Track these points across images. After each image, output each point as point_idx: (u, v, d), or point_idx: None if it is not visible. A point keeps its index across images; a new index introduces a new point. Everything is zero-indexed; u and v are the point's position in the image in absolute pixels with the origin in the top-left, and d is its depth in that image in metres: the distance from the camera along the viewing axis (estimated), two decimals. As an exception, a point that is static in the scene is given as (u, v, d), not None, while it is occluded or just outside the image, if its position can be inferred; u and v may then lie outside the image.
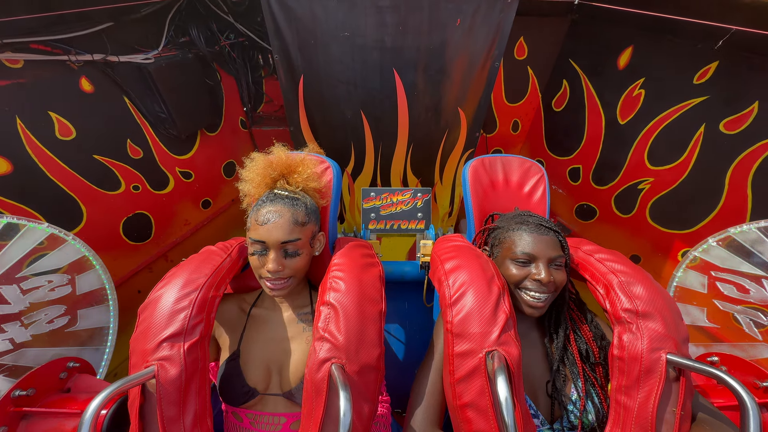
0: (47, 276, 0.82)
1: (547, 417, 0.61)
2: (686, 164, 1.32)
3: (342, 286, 0.60)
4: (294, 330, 0.69)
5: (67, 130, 1.24)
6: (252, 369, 0.66)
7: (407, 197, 1.22)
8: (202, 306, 0.58)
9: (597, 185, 1.71)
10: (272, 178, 0.70)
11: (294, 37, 1.26)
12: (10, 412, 0.61)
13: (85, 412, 0.44)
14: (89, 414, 0.44)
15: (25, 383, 0.64)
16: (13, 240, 0.78)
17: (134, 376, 0.50)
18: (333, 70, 1.32)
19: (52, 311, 0.83)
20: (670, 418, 0.50)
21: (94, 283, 0.90)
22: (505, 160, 0.94)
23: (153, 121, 1.52)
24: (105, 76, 1.32)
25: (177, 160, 1.67)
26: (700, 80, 1.23)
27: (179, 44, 1.57)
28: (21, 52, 1.08)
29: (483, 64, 1.33)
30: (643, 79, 1.42)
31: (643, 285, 0.57)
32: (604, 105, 1.61)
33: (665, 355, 0.51)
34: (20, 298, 0.78)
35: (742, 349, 0.82)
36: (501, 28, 1.24)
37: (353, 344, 0.54)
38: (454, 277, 0.60)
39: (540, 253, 0.62)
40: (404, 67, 1.31)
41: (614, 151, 1.59)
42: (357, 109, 1.43)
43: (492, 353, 0.51)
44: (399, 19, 1.20)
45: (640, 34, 1.39)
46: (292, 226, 0.62)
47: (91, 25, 1.21)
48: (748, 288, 0.82)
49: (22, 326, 0.78)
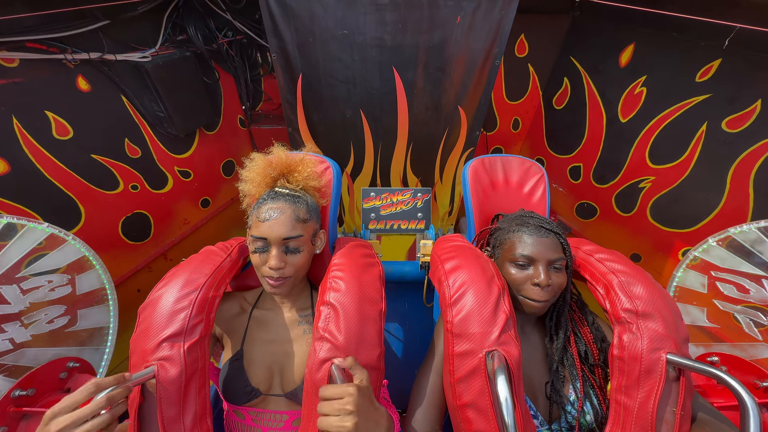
0: (47, 276, 0.82)
1: (546, 417, 0.61)
2: (688, 163, 1.31)
3: (342, 285, 0.60)
4: (295, 332, 0.70)
5: (65, 129, 1.24)
6: (254, 369, 0.66)
7: (407, 197, 1.22)
8: (202, 306, 0.57)
9: (598, 184, 1.70)
10: (272, 177, 0.69)
11: (292, 36, 1.24)
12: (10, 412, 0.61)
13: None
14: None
15: (25, 383, 0.64)
16: (13, 240, 0.78)
17: (134, 376, 0.49)
18: (332, 69, 1.31)
19: (52, 311, 0.83)
20: (670, 418, 0.50)
21: (94, 282, 0.90)
22: (505, 160, 0.94)
23: (151, 120, 1.51)
24: (102, 74, 1.31)
25: (175, 159, 1.67)
26: (702, 78, 1.23)
27: (177, 42, 1.56)
28: (17, 51, 1.07)
29: (483, 62, 1.32)
30: (644, 77, 1.41)
31: (643, 285, 0.57)
32: (605, 103, 1.60)
33: (665, 355, 0.51)
34: (20, 298, 0.78)
35: (742, 349, 0.82)
36: (501, 26, 1.23)
37: (353, 344, 0.54)
38: (454, 277, 0.60)
39: (539, 256, 0.62)
40: (404, 65, 1.30)
41: (615, 149, 1.58)
42: (356, 108, 1.42)
43: (492, 353, 0.51)
44: (398, 17, 1.19)
45: (642, 31, 1.38)
46: (293, 222, 0.62)
47: (88, 23, 1.20)
48: (748, 288, 0.82)
49: (22, 326, 0.78)
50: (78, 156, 1.28)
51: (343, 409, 0.43)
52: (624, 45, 1.46)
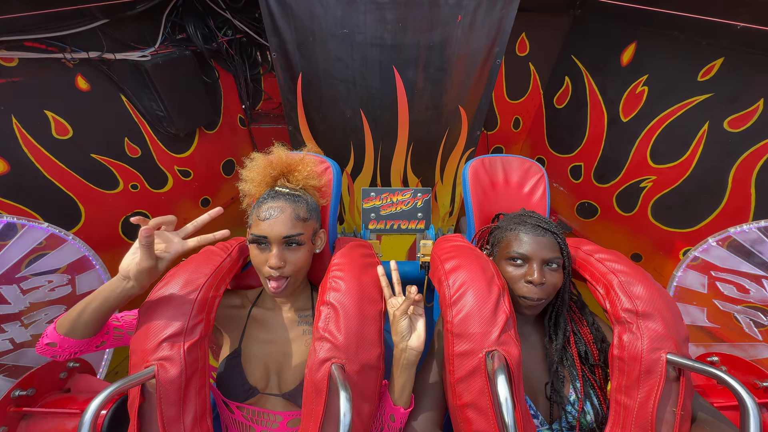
0: (47, 276, 0.82)
1: (546, 417, 0.61)
2: (689, 162, 1.31)
3: (342, 285, 0.60)
4: (294, 332, 0.69)
5: (64, 128, 1.23)
6: (252, 368, 0.66)
7: (407, 197, 1.22)
8: (202, 306, 0.57)
9: (599, 183, 1.70)
10: (272, 177, 0.69)
11: (292, 35, 1.24)
12: (10, 412, 0.61)
13: (85, 412, 0.44)
14: (89, 414, 0.44)
15: (25, 383, 0.64)
16: (13, 240, 0.78)
17: (134, 376, 0.50)
18: (332, 68, 1.31)
19: (52, 311, 0.83)
20: (670, 418, 0.50)
21: (94, 282, 0.90)
22: (505, 160, 0.94)
23: (151, 119, 1.51)
24: (101, 74, 1.31)
25: (175, 159, 1.67)
26: (704, 77, 1.22)
27: (176, 41, 1.55)
28: (15, 50, 1.06)
29: (484, 62, 1.31)
30: (646, 76, 1.40)
31: (643, 285, 0.57)
32: (606, 102, 1.60)
33: (665, 355, 0.51)
34: (20, 298, 0.78)
35: (742, 349, 0.82)
36: (502, 25, 1.23)
37: (353, 344, 0.54)
38: (454, 277, 0.60)
39: (534, 254, 0.62)
40: (404, 64, 1.29)
41: (616, 148, 1.58)
42: (356, 107, 1.42)
43: (492, 353, 0.51)
44: (399, 16, 1.18)
45: (644, 30, 1.37)
46: (294, 221, 0.62)
47: (87, 22, 1.20)
48: (748, 288, 0.82)
49: (22, 326, 0.78)
50: (78, 155, 1.28)
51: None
52: (625, 44, 1.45)
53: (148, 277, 0.55)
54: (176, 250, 0.59)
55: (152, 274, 0.56)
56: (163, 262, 0.57)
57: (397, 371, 0.58)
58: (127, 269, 0.55)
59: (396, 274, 0.69)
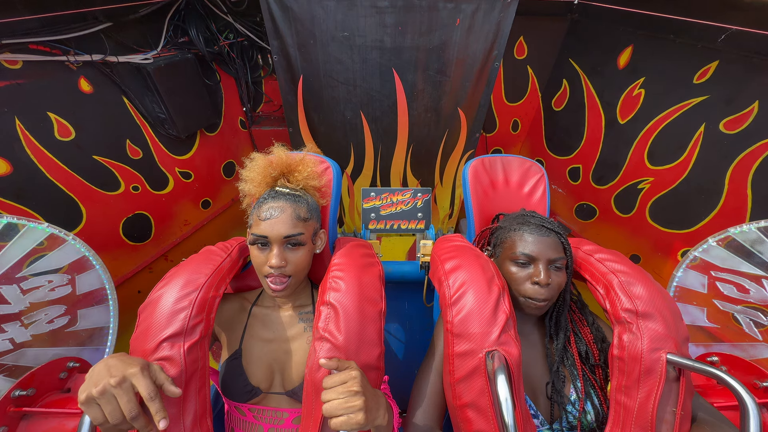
0: (47, 276, 0.82)
1: (547, 417, 0.61)
2: (686, 164, 1.32)
3: (342, 285, 0.60)
4: (295, 330, 0.70)
5: (66, 130, 1.24)
6: (254, 368, 0.66)
7: (407, 197, 1.22)
8: (202, 306, 0.57)
9: (597, 185, 1.71)
10: (273, 177, 0.70)
11: (293, 38, 1.25)
12: (10, 412, 0.61)
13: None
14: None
15: (25, 383, 0.64)
16: (13, 240, 0.78)
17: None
18: (332, 71, 1.32)
19: (52, 311, 0.83)
20: (670, 418, 0.50)
21: (94, 283, 0.90)
22: (505, 160, 0.94)
23: (152, 121, 1.52)
24: (104, 76, 1.32)
25: (176, 161, 1.67)
26: (700, 80, 1.23)
27: (178, 44, 1.57)
28: (19, 53, 1.08)
29: (483, 65, 1.33)
30: (643, 79, 1.42)
31: (643, 285, 0.57)
32: (604, 104, 1.61)
33: (665, 355, 0.51)
34: (20, 298, 0.78)
35: (742, 349, 0.82)
36: (501, 28, 1.24)
37: (353, 344, 0.54)
38: (454, 277, 0.60)
39: (540, 255, 0.62)
40: (404, 67, 1.31)
41: (614, 150, 1.59)
42: (356, 109, 1.43)
43: (492, 353, 0.51)
44: (398, 20, 1.20)
45: (640, 33, 1.39)
46: (294, 220, 0.62)
47: (90, 25, 1.21)
48: (748, 288, 0.82)
49: (22, 326, 0.78)
50: (79, 157, 1.28)
51: (348, 390, 0.44)
52: (622, 47, 1.47)
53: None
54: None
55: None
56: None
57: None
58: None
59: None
